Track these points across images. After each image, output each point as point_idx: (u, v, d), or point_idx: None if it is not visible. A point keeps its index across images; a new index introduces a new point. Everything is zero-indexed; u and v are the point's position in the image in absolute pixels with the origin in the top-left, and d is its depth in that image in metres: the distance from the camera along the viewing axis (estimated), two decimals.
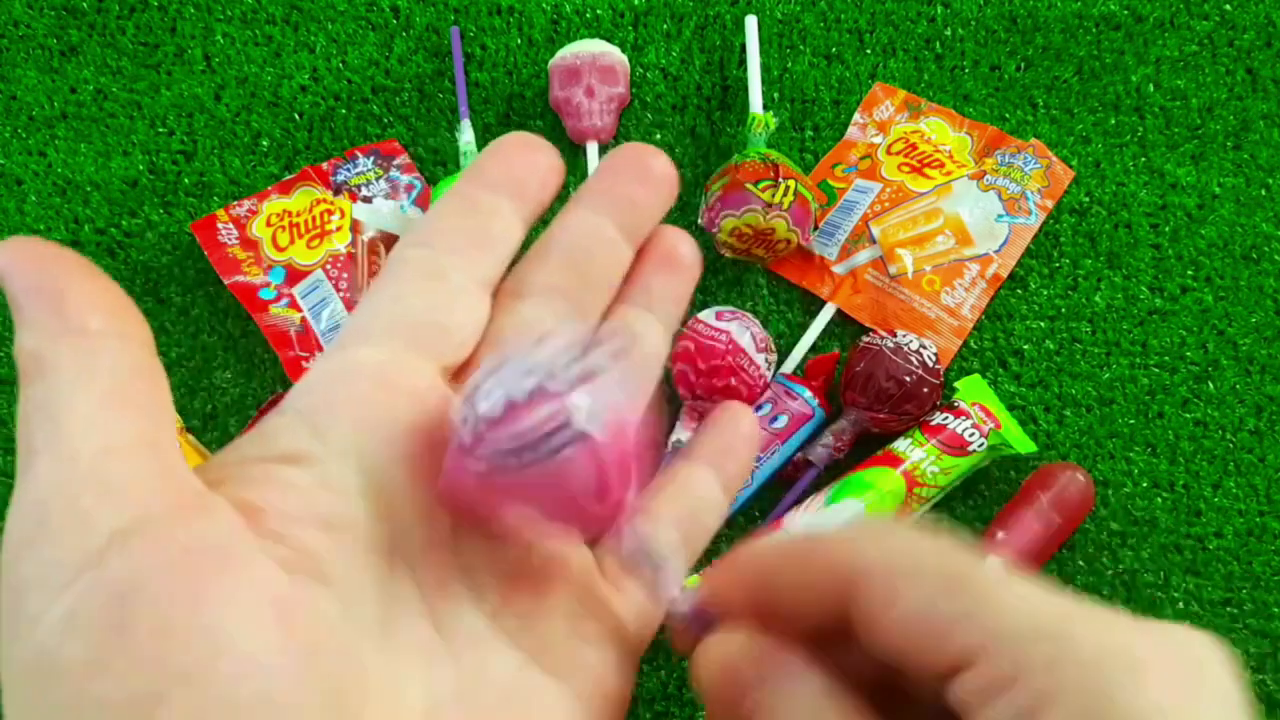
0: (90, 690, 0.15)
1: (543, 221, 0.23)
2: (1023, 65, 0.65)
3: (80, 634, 0.15)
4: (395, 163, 0.63)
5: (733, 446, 0.25)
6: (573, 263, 0.23)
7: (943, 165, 0.62)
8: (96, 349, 0.17)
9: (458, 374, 0.22)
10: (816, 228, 0.60)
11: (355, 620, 0.18)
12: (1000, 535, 0.52)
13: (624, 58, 0.63)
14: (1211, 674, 0.16)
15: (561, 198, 0.23)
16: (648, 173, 0.23)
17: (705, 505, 0.25)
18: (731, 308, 0.57)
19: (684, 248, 0.25)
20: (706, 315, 0.56)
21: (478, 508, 0.20)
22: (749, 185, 0.56)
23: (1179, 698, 0.16)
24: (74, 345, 0.17)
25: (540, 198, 0.23)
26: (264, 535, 0.18)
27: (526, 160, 0.23)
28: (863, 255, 0.60)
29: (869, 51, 0.66)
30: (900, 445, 0.54)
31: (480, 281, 0.22)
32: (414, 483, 0.20)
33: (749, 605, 0.20)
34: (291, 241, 0.60)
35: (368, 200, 0.61)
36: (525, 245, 0.24)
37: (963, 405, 0.54)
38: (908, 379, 0.53)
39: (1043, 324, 0.60)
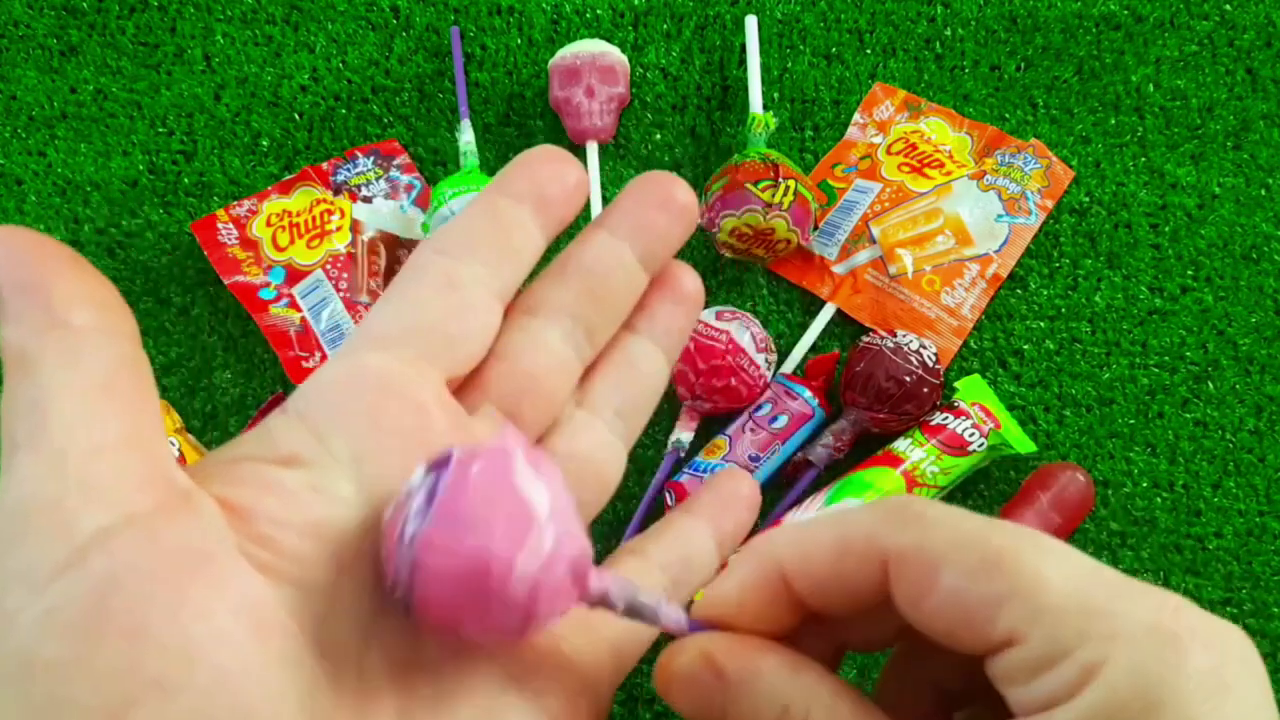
0: (64, 692, 0.15)
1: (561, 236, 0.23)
2: (1023, 65, 0.65)
3: (58, 634, 0.15)
4: (395, 163, 0.63)
5: (731, 506, 0.26)
6: (589, 285, 0.23)
7: (943, 165, 0.62)
8: (81, 344, 0.17)
9: (462, 385, 0.22)
10: (816, 228, 0.60)
11: (334, 629, 0.18)
12: None
13: (624, 58, 0.63)
14: (1248, 659, 0.17)
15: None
16: (671, 201, 0.23)
17: (697, 556, 0.25)
18: (731, 308, 0.57)
19: (688, 281, 0.25)
20: (706, 315, 0.56)
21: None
22: (749, 185, 0.56)
23: (1220, 677, 0.16)
24: (59, 340, 0.17)
25: (564, 212, 0.23)
26: (248, 538, 0.17)
27: (553, 173, 0.23)
28: (863, 255, 0.60)
29: (869, 51, 0.66)
30: (900, 445, 0.54)
31: (495, 293, 0.22)
32: None
33: (769, 599, 0.20)
34: (291, 241, 0.60)
35: (368, 200, 0.61)
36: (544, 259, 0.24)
37: (963, 405, 0.54)
38: (908, 379, 0.53)
39: (1043, 324, 0.60)
